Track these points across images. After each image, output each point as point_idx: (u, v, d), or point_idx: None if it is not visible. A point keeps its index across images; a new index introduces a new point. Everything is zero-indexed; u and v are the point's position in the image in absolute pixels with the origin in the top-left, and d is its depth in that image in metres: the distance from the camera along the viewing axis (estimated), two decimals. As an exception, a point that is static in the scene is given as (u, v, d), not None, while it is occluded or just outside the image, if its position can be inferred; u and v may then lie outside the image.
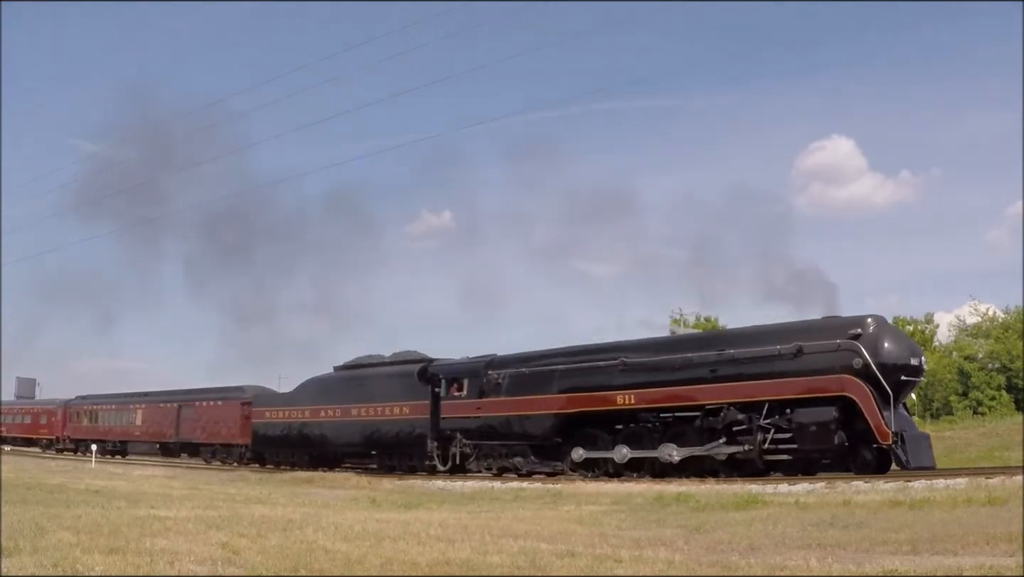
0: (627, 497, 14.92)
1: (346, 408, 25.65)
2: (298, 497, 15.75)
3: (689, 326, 43.63)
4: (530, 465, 20.45)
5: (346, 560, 7.12)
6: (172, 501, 13.43)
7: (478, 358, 22.88)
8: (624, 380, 18.67)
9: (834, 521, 10.07)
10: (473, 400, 21.92)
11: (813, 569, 6.86)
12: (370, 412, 24.91)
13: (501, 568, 6.92)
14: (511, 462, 20.86)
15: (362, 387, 25.53)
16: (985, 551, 7.27)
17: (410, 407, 23.66)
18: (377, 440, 24.72)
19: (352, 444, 25.81)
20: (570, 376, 19.88)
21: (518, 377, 20.98)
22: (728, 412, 16.82)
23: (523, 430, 20.64)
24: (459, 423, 22.19)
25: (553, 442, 20.06)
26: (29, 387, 52.04)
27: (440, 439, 22.75)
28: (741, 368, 16.97)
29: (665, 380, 18.06)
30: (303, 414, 27.28)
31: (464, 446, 22.01)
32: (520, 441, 20.74)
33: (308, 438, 27.08)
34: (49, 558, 6.61)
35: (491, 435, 21.45)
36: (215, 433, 32.45)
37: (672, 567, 7.07)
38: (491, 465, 21.42)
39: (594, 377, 19.31)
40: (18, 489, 14.49)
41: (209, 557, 7.05)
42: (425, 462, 23.06)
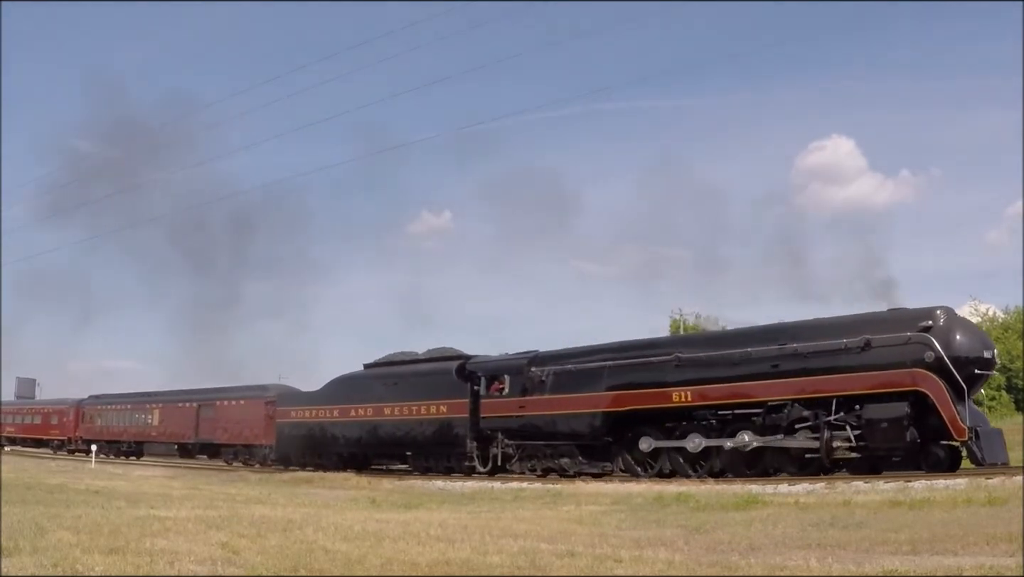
0: (627, 497, 14.91)
1: (378, 407, 24.66)
2: (298, 497, 15.75)
3: (689, 327, 43.60)
4: (577, 466, 19.62)
5: (346, 560, 7.12)
6: (172, 501, 13.43)
7: (519, 354, 22.00)
8: (679, 376, 17.91)
9: (834, 521, 10.06)
10: (516, 398, 21.02)
11: (813, 569, 6.87)
12: (404, 411, 23.91)
13: (501, 568, 6.92)
14: (557, 463, 20.06)
15: (395, 385, 24.50)
16: (985, 551, 7.27)
17: (448, 405, 22.75)
18: (412, 440, 23.79)
19: (385, 444, 24.83)
20: (621, 372, 19.02)
21: (564, 374, 20.11)
22: (793, 408, 16.17)
23: (570, 429, 19.79)
24: (501, 422, 21.31)
25: (602, 441, 19.26)
26: (29, 387, 51.96)
27: (480, 439, 21.90)
28: (805, 363, 16.26)
29: (724, 376, 17.31)
30: (332, 413, 26.20)
31: (506, 447, 21.16)
32: (566, 441, 19.91)
33: (337, 438, 26.07)
34: (49, 558, 6.61)
35: (535, 435, 20.60)
36: (237, 434, 31.30)
37: (672, 567, 7.07)
38: (535, 466, 20.58)
39: (647, 373, 18.51)
40: (18, 489, 14.49)
41: (209, 557, 7.05)
42: (464, 463, 22.20)
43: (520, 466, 20.82)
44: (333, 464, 25.83)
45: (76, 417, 40.59)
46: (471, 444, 21.92)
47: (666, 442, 18.12)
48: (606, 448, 19.25)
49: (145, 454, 36.75)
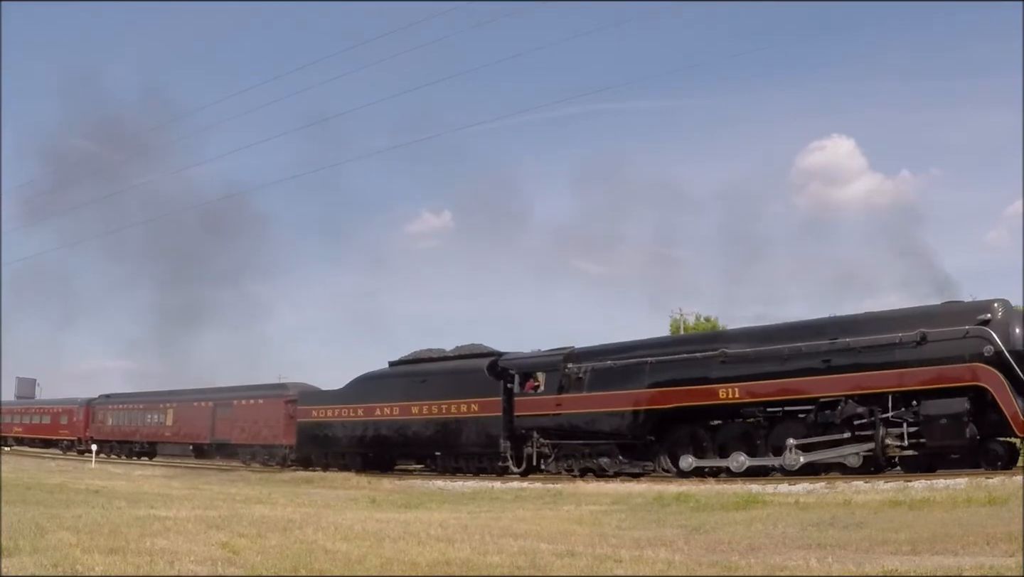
0: (627, 497, 14.91)
1: (405, 406, 23.88)
2: (298, 497, 15.74)
3: (689, 327, 43.59)
4: (618, 465, 18.98)
5: (346, 560, 7.12)
6: (172, 501, 13.43)
7: (555, 351, 21.34)
8: (726, 372, 17.37)
9: (834, 521, 10.07)
10: (552, 396, 20.36)
11: (813, 569, 6.87)
12: (433, 410, 23.14)
13: (501, 568, 6.92)
14: (596, 462, 19.34)
15: (423, 383, 23.68)
16: (985, 551, 7.27)
17: (479, 404, 21.97)
18: (441, 440, 23.03)
19: (412, 444, 24.12)
20: (663, 369, 18.40)
21: (603, 370, 19.47)
22: (847, 405, 15.66)
23: (610, 428, 19.12)
24: (536, 421, 20.61)
25: (644, 440, 18.68)
26: (29, 387, 51.90)
27: (514, 438, 21.20)
28: (859, 357, 15.75)
29: (773, 371, 16.75)
30: (356, 413, 25.41)
31: (542, 446, 20.49)
32: (606, 440, 19.23)
33: (362, 438, 25.29)
34: (49, 558, 6.61)
35: (573, 434, 19.91)
36: (255, 434, 30.32)
37: (672, 567, 7.07)
38: (572, 466, 19.84)
39: (691, 369, 17.94)
40: (18, 489, 14.49)
41: (209, 557, 7.05)
42: (497, 464, 21.48)
43: (556, 466, 20.20)
44: (357, 465, 25.16)
45: (86, 417, 39.64)
46: (504, 444, 21.28)
47: (708, 462, 17.55)
48: (647, 447, 18.69)
49: (158, 455, 35.88)
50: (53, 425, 41.61)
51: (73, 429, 40.08)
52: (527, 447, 20.81)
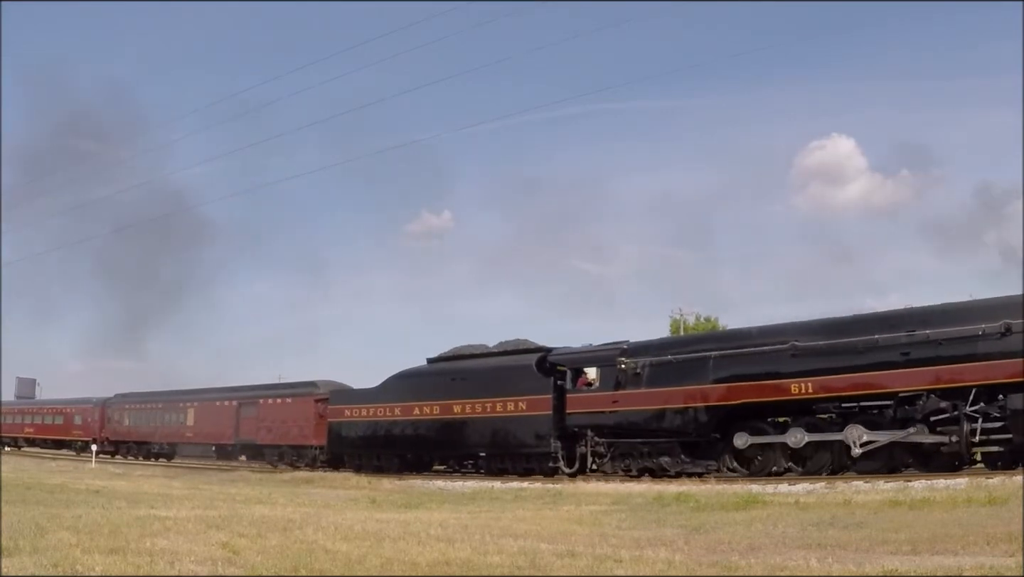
0: (627, 497, 14.92)
1: (446, 404, 22.89)
2: (298, 497, 15.74)
3: (689, 327, 43.59)
4: (679, 465, 18.18)
5: (346, 560, 7.12)
6: (172, 501, 13.43)
7: (609, 345, 20.45)
8: (797, 366, 16.59)
9: (834, 521, 10.07)
10: (608, 392, 19.44)
11: (813, 569, 6.86)
12: (477, 409, 22.18)
13: (501, 568, 6.92)
14: (656, 462, 18.53)
15: (465, 381, 22.79)
16: (985, 551, 7.27)
17: (527, 402, 21.03)
18: (486, 440, 22.14)
19: (454, 445, 23.17)
20: (729, 363, 17.64)
21: (662, 365, 18.63)
22: (928, 400, 15.11)
23: (672, 425, 18.33)
24: (590, 419, 19.69)
25: (709, 438, 17.93)
26: (29, 387, 51.83)
27: (565, 437, 20.36)
28: (939, 350, 15.08)
29: (848, 365, 16.04)
30: (392, 412, 24.43)
31: (597, 445, 19.62)
32: (667, 438, 18.44)
33: (398, 438, 24.34)
34: (49, 558, 6.61)
35: (630, 432, 19.03)
36: (284, 434, 29.27)
37: (672, 567, 7.07)
38: (630, 466, 19.02)
39: (759, 364, 17.15)
40: (18, 489, 14.48)
41: (209, 557, 7.04)
42: (547, 464, 20.61)
43: (612, 466, 19.38)
44: (394, 466, 24.36)
45: (101, 417, 38.59)
46: (555, 443, 20.43)
47: (763, 438, 16.93)
48: (711, 445, 18.00)
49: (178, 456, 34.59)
50: (66, 425, 40.57)
51: (87, 429, 38.99)
52: (580, 446, 20.04)
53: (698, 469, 17.96)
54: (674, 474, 17.99)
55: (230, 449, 32.24)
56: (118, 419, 37.73)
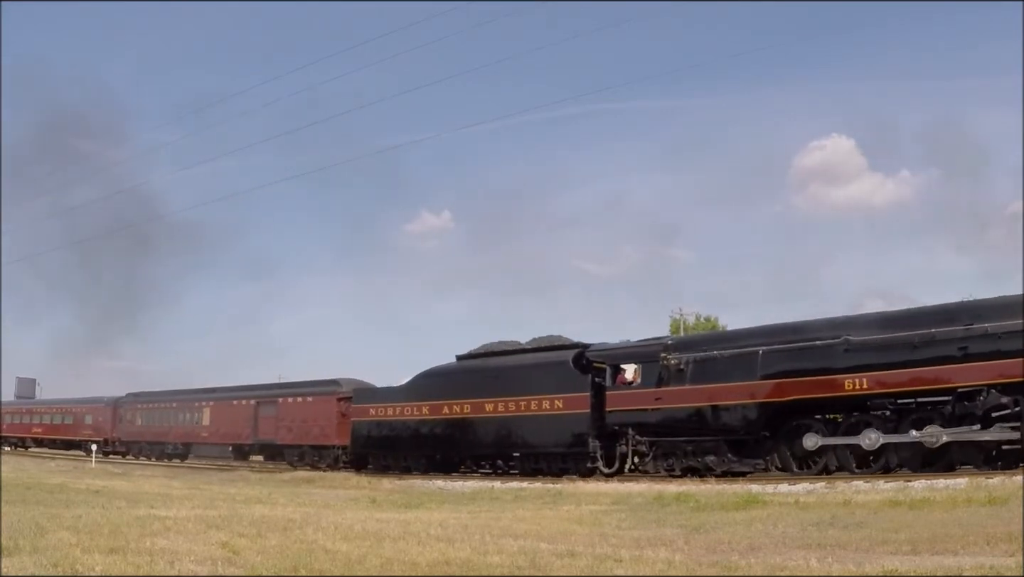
0: (627, 497, 14.92)
1: (478, 403, 22.26)
2: (298, 497, 15.75)
3: (689, 327, 43.60)
4: (726, 464, 17.60)
5: (346, 560, 7.12)
6: (172, 501, 13.43)
7: (651, 340, 20.02)
8: (851, 361, 16.06)
9: (834, 521, 10.08)
10: (650, 389, 18.80)
11: (813, 569, 6.87)
12: (510, 407, 21.50)
13: (501, 568, 6.92)
14: (702, 461, 17.96)
15: (497, 379, 22.19)
16: (985, 551, 7.27)
17: (564, 400, 20.40)
18: (520, 440, 21.48)
19: (485, 444, 22.51)
20: (779, 359, 17.02)
21: (708, 361, 18.06)
22: (989, 395, 14.56)
23: (719, 423, 17.71)
24: (632, 416, 19.04)
25: (757, 436, 17.35)
26: (29, 387, 51.80)
27: (604, 436, 19.70)
28: (999, 344, 14.59)
29: (904, 360, 15.54)
30: (421, 411, 23.76)
31: (638, 444, 18.97)
32: (713, 436, 17.86)
33: (427, 438, 23.67)
34: (49, 558, 6.60)
35: (674, 430, 18.43)
36: (304, 433, 28.53)
37: (672, 567, 7.07)
38: (673, 465, 18.42)
39: (811, 359, 16.58)
40: (18, 489, 14.48)
41: (209, 557, 7.04)
42: (585, 464, 20.02)
43: (655, 465, 18.76)
44: (421, 466, 23.86)
45: (113, 417, 37.89)
46: (593, 442, 19.77)
47: (837, 439, 16.31)
48: (759, 443, 17.42)
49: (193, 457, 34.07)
50: (76, 425, 39.83)
51: (98, 430, 38.23)
52: (620, 445, 19.41)
53: (745, 468, 17.53)
54: (720, 473, 17.50)
55: (248, 449, 31.58)
56: (130, 419, 37.07)
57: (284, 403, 29.68)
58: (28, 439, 42.48)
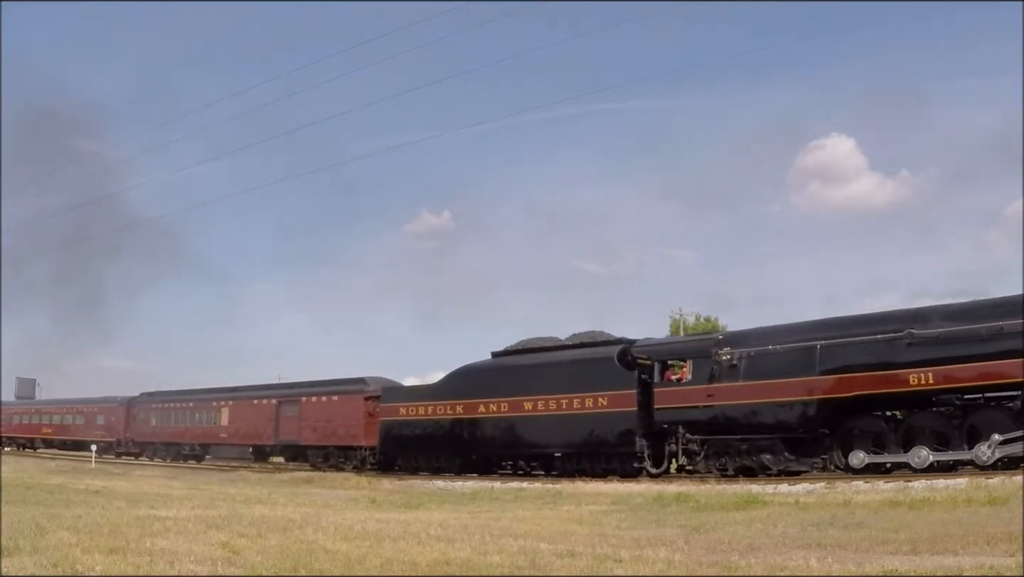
0: (627, 497, 14.93)
1: (515, 402, 21.52)
2: (298, 497, 15.76)
3: (689, 328, 43.59)
4: (783, 463, 16.95)
5: (346, 560, 7.12)
6: (172, 501, 13.44)
7: (701, 335, 19.49)
8: (915, 356, 15.41)
9: (834, 521, 10.08)
10: (701, 386, 18.07)
11: (813, 569, 6.86)
12: (551, 405, 20.83)
13: (501, 568, 6.92)
14: (756, 460, 17.29)
15: (537, 376, 21.46)
16: (985, 551, 7.27)
17: (608, 398, 19.65)
18: (562, 439, 20.77)
19: (524, 445, 21.78)
20: (838, 353, 16.38)
21: (763, 356, 17.32)
22: None
23: (775, 420, 16.99)
24: (682, 414, 18.34)
25: (816, 434, 16.68)
26: (29, 387, 51.72)
27: (651, 435, 19.06)
28: None
29: (971, 354, 14.88)
30: (455, 410, 23.00)
31: (689, 443, 18.30)
32: (769, 434, 17.17)
33: (461, 438, 22.90)
34: (49, 558, 6.61)
35: (727, 428, 17.75)
36: (329, 434, 27.58)
37: (672, 567, 7.07)
38: (726, 464, 17.77)
39: (873, 353, 15.93)
40: (18, 489, 14.49)
41: (209, 557, 7.04)
42: (631, 464, 19.31)
43: (707, 465, 18.08)
44: (455, 467, 23.03)
45: (126, 417, 36.99)
46: (640, 441, 19.10)
47: (885, 457, 15.76)
48: (816, 442, 16.78)
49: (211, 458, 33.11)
50: (88, 425, 38.84)
51: (111, 429, 37.42)
52: (669, 444, 18.79)
53: (802, 467, 16.99)
54: (776, 473, 16.93)
55: (269, 450, 30.80)
56: (144, 419, 36.19)
57: (307, 402, 28.76)
58: (37, 440, 41.81)
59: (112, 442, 37.10)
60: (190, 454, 33.58)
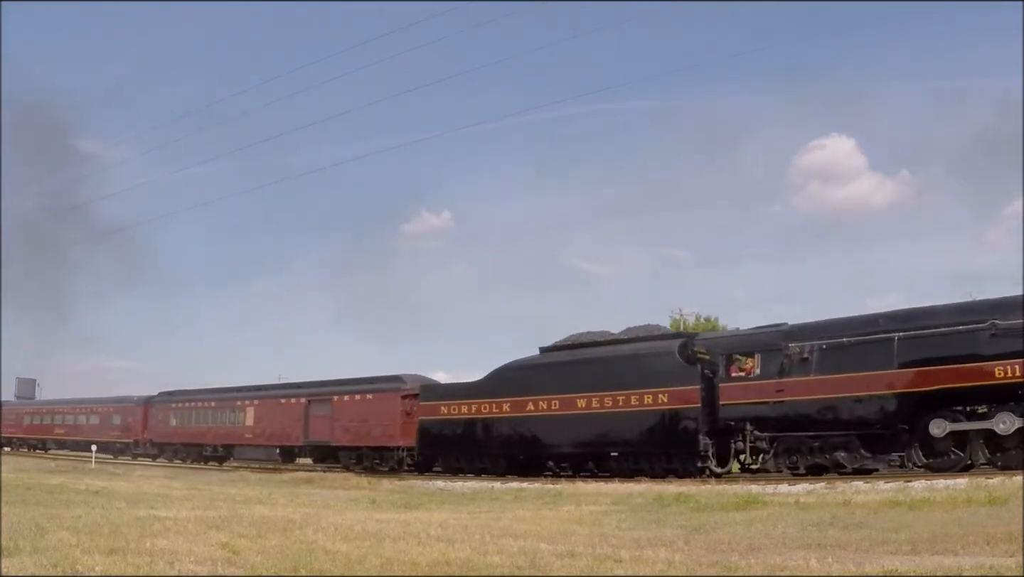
0: (627, 497, 14.93)
1: (568, 399, 20.73)
2: (298, 497, 15.75)
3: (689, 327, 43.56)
4: (859, 461, 16.36)
5: (346, 560, 7.12)
6: (172, 501, 13.44)
7: (768, 327, 18.58)
8: (1001, 348, 14.81)
9: (834, 521, 10.08)
10: (771, 380, 17.40)
11: (813, 569, 6.87)
12: (606, 403, 20.00)
13: (501, 568, 6.92)
14: (830, 458, 16.67)
15: (590, 372, 20.63)
16: (985, 551, 7.27)
17: (669, 394, 18.91)
18: (617, 438, 19.94)
19: (578, 444, 20.88)
20: (918, 345, 15.77)
21: (835, 349, 16.79)
22: None
23: (852, 416, 16.39)
24: (750, 410, 17.67)
25: (895, 430, 16.01)
26: (29, 387, 51.65)
27: (716, 433, 18.34)
28: None
29: None
30: (501, 408, 22.19)
31: (756, 440, 17.64)
32: (844, 431, 16.52)
33: (508, 438, 22.09)
34: (49, 558, 6.61)
35: (799, 424, 17.06)
36: (363, 434, 26.41)
37: (672, 567, 7.07)
38: (798, 463, 17.07)
39: (955, 345, 15.38)
40: (18, 489, 14.49)
41: (209, 557, 7.05)
42: (694, 463, 18.51)
43: (776, 463, 17.37)
44: (500, 468, 22.12)
45: (144, 417, 35.91)
46: (704, 440, 18.38)
47: (967, 424, 15.18)
48: (895, 438, 16.10)
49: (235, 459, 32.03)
50: (103, 426, 37.80)
51: (128, 430, 36.41)
52: (735, 442, 18.09)
53: (879, 465, 16.40)
54: (852, 471, 16.35)
55: (297, 451, 29.75)
56: (163, 419, 35.15)
57: (340, 401, 27.53)
58: (49, 440, 40.88)
59: (129, 443, 36.22)
60: (212, 456, 32.70)
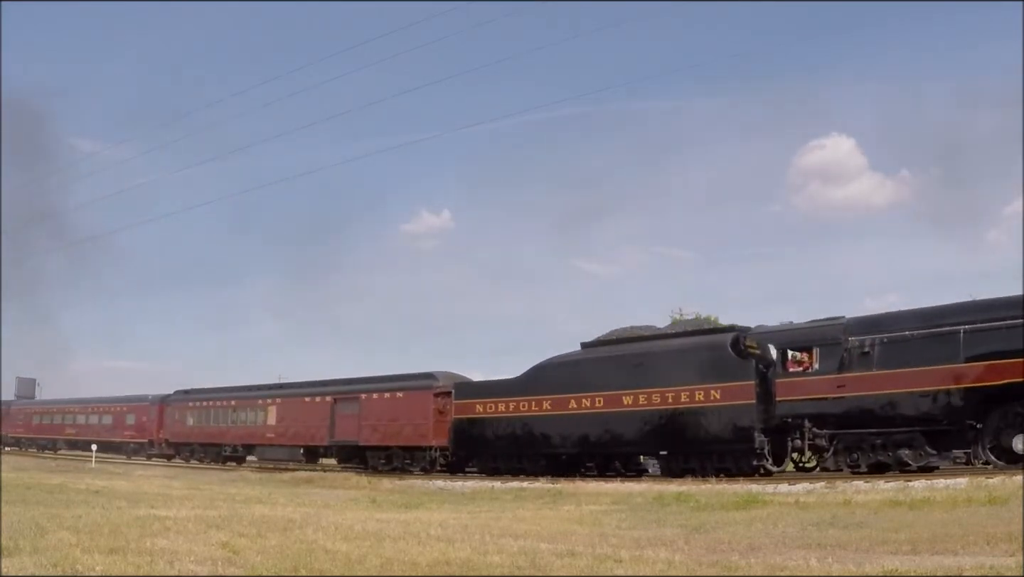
0: (627, 497, 14.93)
1: (613, 396, 19.99)
2: (298, 497, 15.75)
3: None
4: (924, 458, 15.75)
5: (346, 560, 7.12)
6: (172, 501, 13.44)
7: (827, 321, 17.84)
8: None
9: (834, 521, 10.07)
10: (831, 376, 16.79)
11: (813, 569, 6.86)
12: (654, 400, 19.29)
13: (501, 568, 6.92)
14: (893, 455, 16.03)
15: (637, 368, 19.90)
16: (985, 551, 7.27)
17: (722, 390, 18.22)
18: (667, 436, 19.23)
19: (625, 442, 20.19)
20: (986, 338, 15.18)
21: (898, 343, 16.14)
22: None
23: (916, 412, 15.77)
24: (809, 407, 17.01)
25: (962, 426, 15.37)
26: (29, 387, 51.61)
27: (771, 430, 17.63)
28: None
29: None
30: (541, 406, 21.47)
31: (816, 438, 16.97)
32: (907, 427, 15.90)
33: (549, 437, 21.32)
34: (49, 558, 6.61)
35: (861, 421, 16.40)
36: (394, 433, 25.53)
37: (672, 567, 7.07)
38: (859, 460, 16.46)
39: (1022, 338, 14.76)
40: (18, 489, 14.49)
41: (209, 557, 7.05)
42: (750, 462, 17.86)
43: (836, 461, 16.78)
44: (539, 468, 21.23)
45: (160, 416, 35.14)
46: (760, 437, 17.65)
47: None
48: (960, 434, 15.50)
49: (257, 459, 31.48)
50: (117, 426, 37.20)
51: (142, 430, 35.78)
52: (793, 439, 17.48)
53: (944, 462, 15.90)
54: (915, 469, 15.76)
55: (323, 451, 28.84)
56: (179, 418, 34.37)
57: (368, 400, 26.60)
58: (60, 441, 40.27)
59: (144, 443, 35.57)
60: (232, 456, 32.00)
